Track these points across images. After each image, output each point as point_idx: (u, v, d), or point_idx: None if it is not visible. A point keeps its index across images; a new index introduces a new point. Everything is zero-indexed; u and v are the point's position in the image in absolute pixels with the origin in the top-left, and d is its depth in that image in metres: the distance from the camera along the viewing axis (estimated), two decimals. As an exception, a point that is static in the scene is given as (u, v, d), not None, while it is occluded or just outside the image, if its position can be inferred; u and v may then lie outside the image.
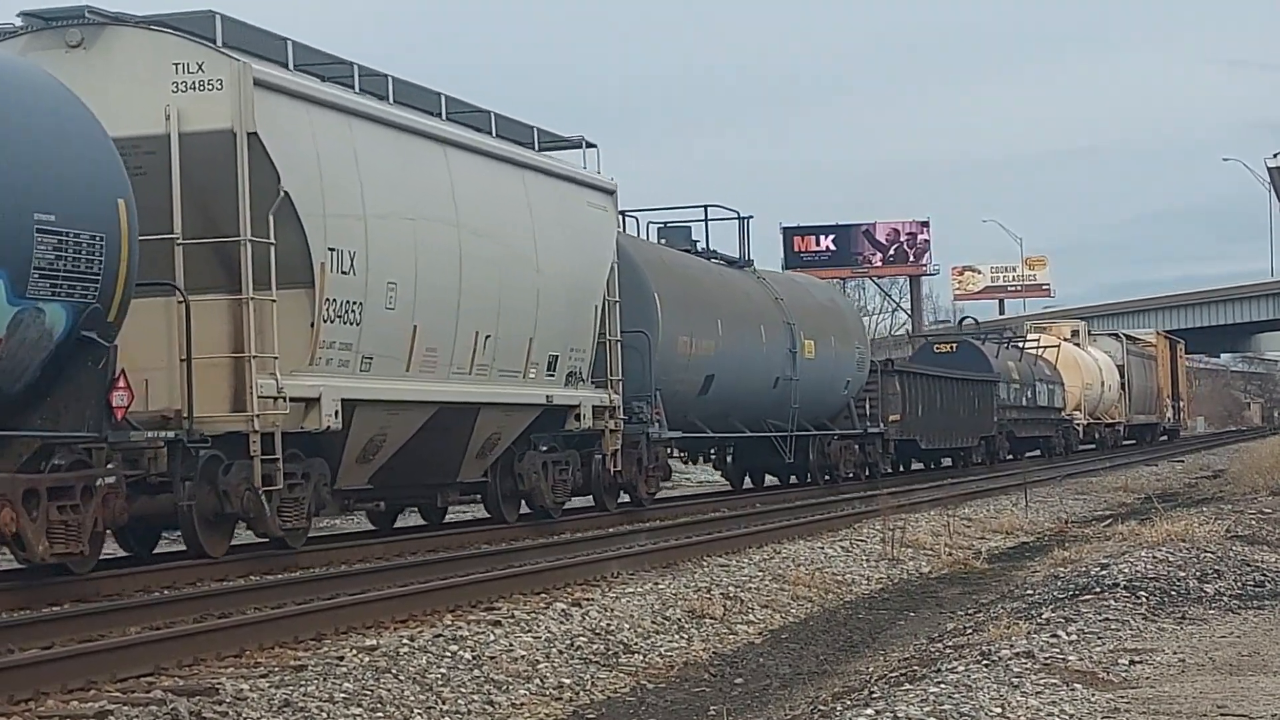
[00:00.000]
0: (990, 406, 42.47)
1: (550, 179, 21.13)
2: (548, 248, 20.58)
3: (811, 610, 15.48)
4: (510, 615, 12.71)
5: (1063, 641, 10.74)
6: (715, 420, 26.87)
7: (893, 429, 34.51)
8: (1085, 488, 34.35)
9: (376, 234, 16.93)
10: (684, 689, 11.48)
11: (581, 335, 21.56)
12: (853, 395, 32.78)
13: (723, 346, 26.48)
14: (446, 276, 18.27)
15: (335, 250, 16.26)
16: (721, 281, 27.81)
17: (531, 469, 20.86)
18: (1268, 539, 17.56)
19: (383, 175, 17.26)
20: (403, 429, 17.96)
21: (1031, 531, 24.05)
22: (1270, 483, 28.13)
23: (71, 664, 9.77)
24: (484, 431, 19.61)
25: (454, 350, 18.51)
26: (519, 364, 20.06)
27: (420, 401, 18.02)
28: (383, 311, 17.05)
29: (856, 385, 32.86)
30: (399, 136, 17.78)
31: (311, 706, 9.52)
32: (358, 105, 17.12)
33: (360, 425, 17.06)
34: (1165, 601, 12.67)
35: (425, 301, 17.77)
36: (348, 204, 16.57)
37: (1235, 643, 10.71)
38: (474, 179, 19.13)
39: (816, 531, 21.24)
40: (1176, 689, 8.97)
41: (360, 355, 16.76)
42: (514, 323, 19.75)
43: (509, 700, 10.60)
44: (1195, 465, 47.34)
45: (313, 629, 11.67)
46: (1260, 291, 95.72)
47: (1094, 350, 60.45)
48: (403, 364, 17.58)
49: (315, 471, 16.52)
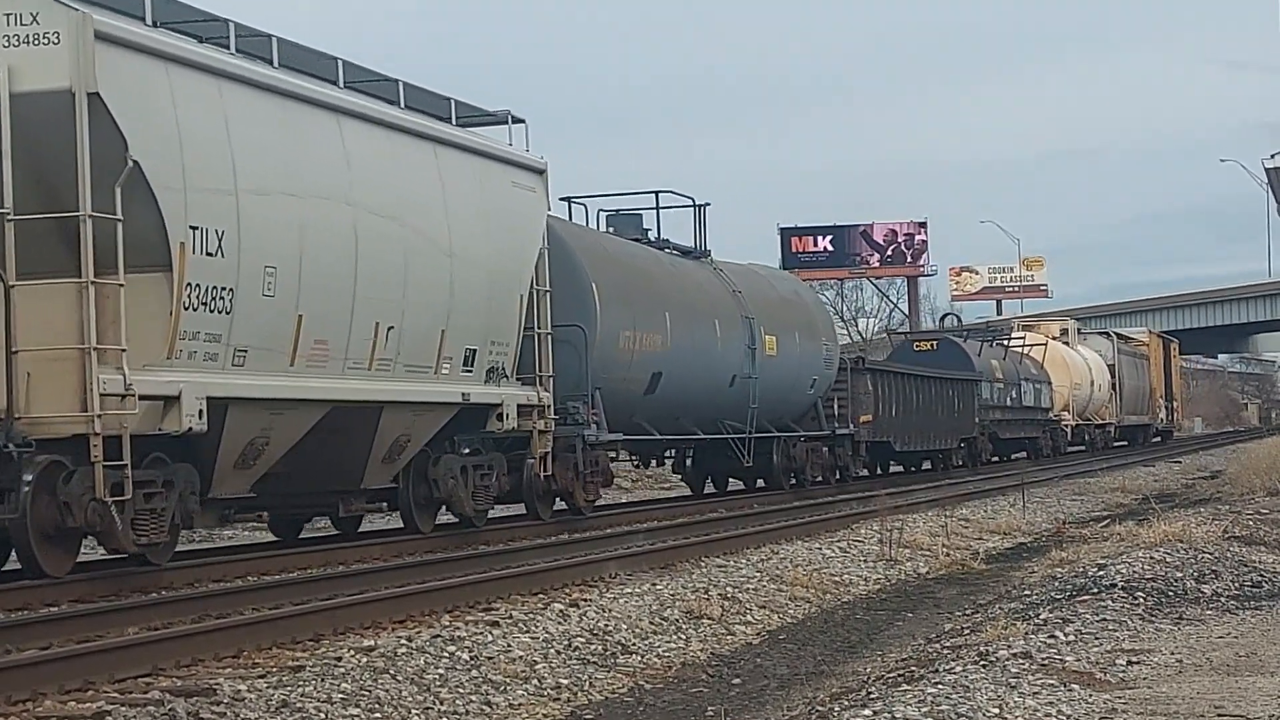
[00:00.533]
0: (971, 407, 40.68)
1: (468, 155, 19.22)
2: (464, 231, 18.69)
3: (809, 611, 15.54)
4: (508, 616, 12.72)
5: (1060, 642, 10.78)
6: (664, 421, 24.96)
7: (864, 430, 32.65)
8: (1082, 488, 34.39)
9: (252, 211, 15.04)
10: (681, 689, 11.50)
11: (504, 328, 19.66)
12: (820, 395, 30.89)
13: (672, 342, 24.57)
14: (339, 261, 16.38)
15: (199, 229, 14.38)
16: (672, 272, 25.90)
17: (448, 474, 18.99)
18: (1265, 540, 17.47)
19: (261, 146, 15.38)
20: (289, 431, 16.08)
21: (1029, 532, 24.10)
22: (1267, 483, 28.01)
23: (69, 664, 9.74)
24: (390, 433, 17.74)
25: (349, 343, 16.62)
26: (429, 359, 18.17)
27: (309, 400, 16.14)
28: (259, 299, 15.16)
29: (824, 384, 30.96)
30: (283, 104, 15.89)
31: (309, 707, 9.55)
32: (231, 67, 15.21)
33: (235, 427, 15.19)
34: (1163, 602, 12.71)
35: (312, 288, 15.88)
36: (216, 177, 14.68)
37: (1232, 643, 10.74)
38: (374, 153, 17.23)
39: (814, 532, 21.25)
40: (1174, 690, 9.01)
41: (232, 348, 14.88)
42: (422, 313, 17.86)
43: (507, 701, 10.62)
44: (1192, 466, 47.39)
45: (310, 630, 11.66)
46: (1257, 292, 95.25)
47: (1084, 349, 58.73)
48: (286, 358, 15.69)
49: (181, 479, 14.64)
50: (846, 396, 31.92)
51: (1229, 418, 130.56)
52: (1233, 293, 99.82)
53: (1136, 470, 43.38)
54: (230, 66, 15.19)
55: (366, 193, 16.85)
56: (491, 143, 20.00)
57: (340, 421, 16.76)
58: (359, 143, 16.94)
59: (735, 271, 28.70)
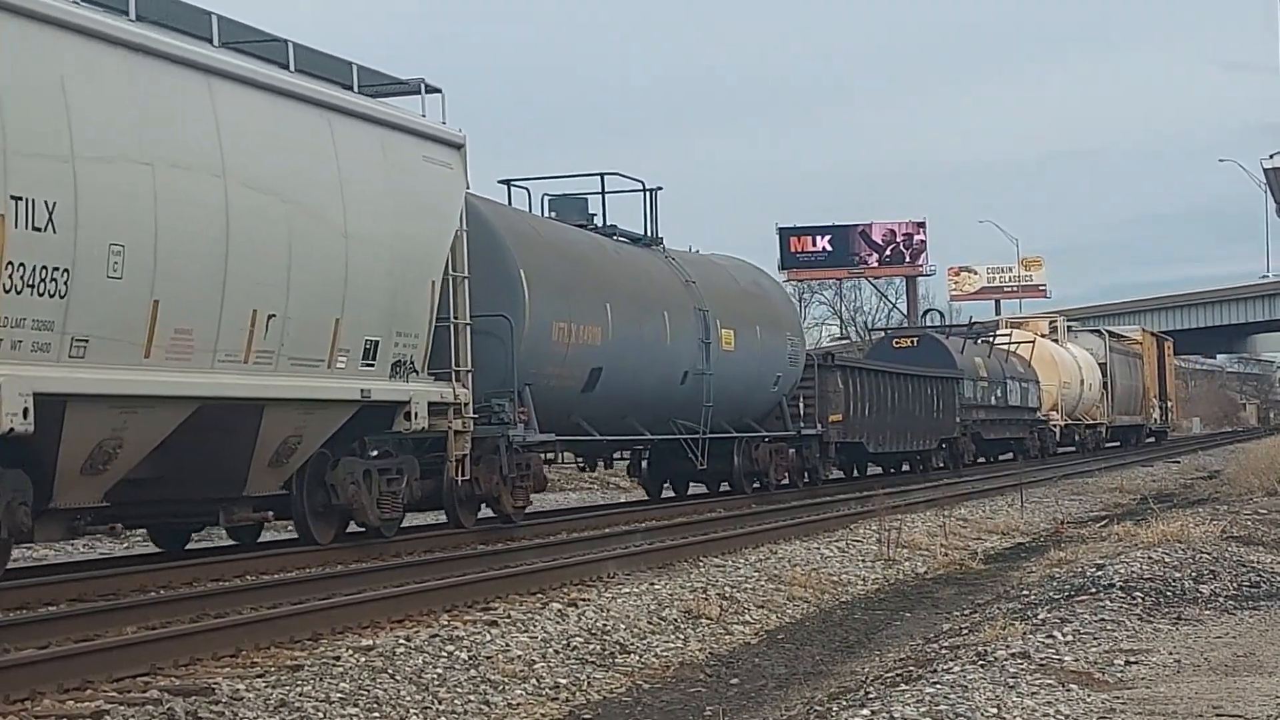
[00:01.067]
0: (953, 406, 38.88)
1: (370, 126, 17.34)
2: (361, 209, 16.80)
3: (807, 611, 15.53)
4: (507, 615, 12.73)
5: (1058, 642, 10.78)
6: (608, 421, 23.06)
7: (834, 430, 30.77)
8: (1081, 488, 34.60)
9: (92, 181, 13.14)
10: (680, 689, 11.49)
11: (413, 317, 17.76)
12: (785, 393, 29.02)
13: (614, 334, 22.66)
14: (205, 240, 14.48)
15: (23, 199, 12.47)
16: (616, 260, 23.96)
17: (348, 479, 17.14)
18: (1263, 540, 17.46)
19: (106, 107, 13.49)
20: (148, 432, 14.21)
21: (1027, 532, 24.05)
22: (1266, 483, 27.97)
23: (68, 664, 9.70)
24: (275, 434, 15.88)
25: (219, 332, 14.74)
26: (321, 351, 16.29)
27: (170, 397, 14.27)
28: (104, 281, 13.27)
29: (789, 382, 29.08)
30: (137, 60, 13.97)
31: (308, 706, 9.53)
32: (69, 16, 13.28)
33: (78, 427, 13.33)
34: (1161, 602, 12.73)
35: (171, 271, 13.97)
36: (45, 140, 12.78)
37: (1231, 643, 10.76)
38: (252, 119, 15.35)
39: (812, 532, 21.25)
40: (1172, 690, 9.03)
41: (69, 337, 12.99)
42: (311, 300, 15.98)
43: (505, 700, 10.57)
44: (1191, 466, 47.39)
45: (309, 629, 11.63)
46: (1256, 292, 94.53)
47: (1074, 347, 56.79)
48: (139, 349, 13.79)
49: (8, 488, 12.78)
50: (814, 395, 30.09)
51: (1227, 418, 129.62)
52: (1231, 293, 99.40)
53: (1135, 470, 43.35)
54: (68, 15, 13.26)
55: (241, 163, 14.97)
56: (401, 113, 18.12)
57: (214, 421, 14.91)
58: (233, 107, 15.06)
59: (690, 261, 26.81)
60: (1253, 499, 25.27)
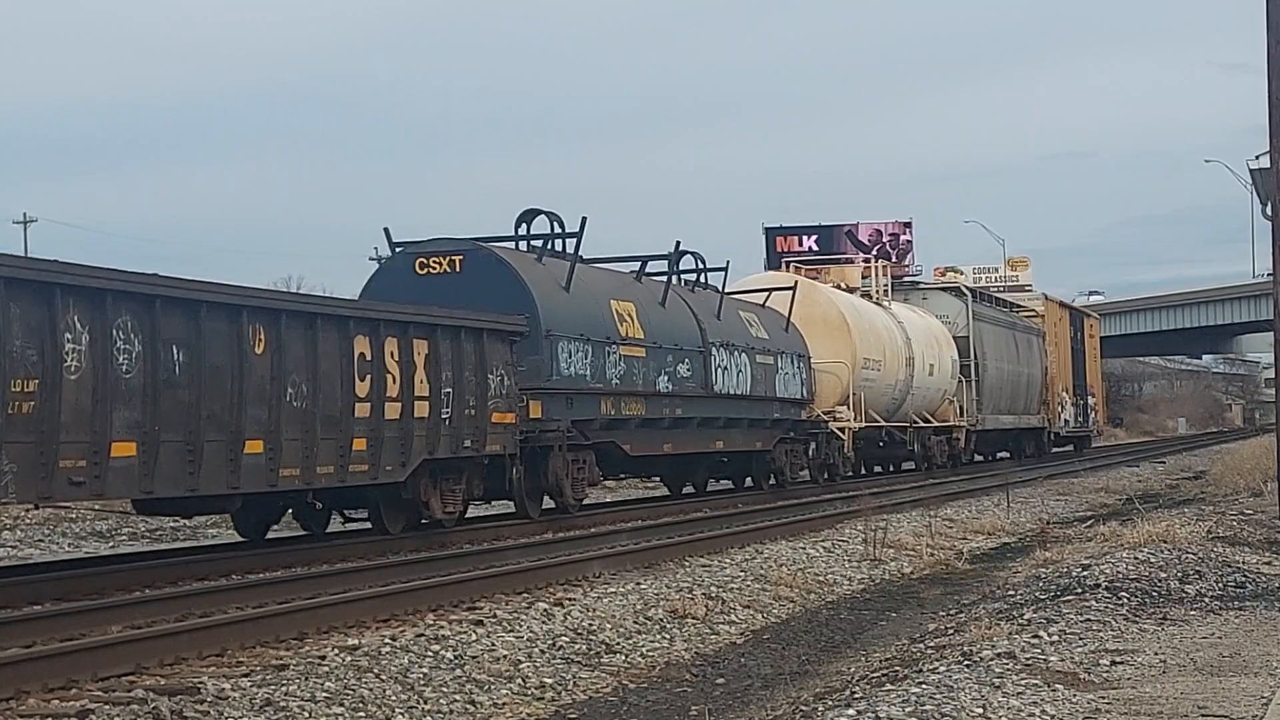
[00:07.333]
0: (503, 387, 19.91)
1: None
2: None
3: (793, 610, 15.50)
4: (492, 615, 12.75)
5: (1044, 642, 10.76)
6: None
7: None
8: (1067, 488, 34.61)
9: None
10: (666, 689, 11.48)
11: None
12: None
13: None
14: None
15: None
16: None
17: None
18: (1249, 540, 17.47)
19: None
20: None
21: (1013, 532, 24.08)
22: (1251, 484, 27.96)
23: (53, 663, 9.74)
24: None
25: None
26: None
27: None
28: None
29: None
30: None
31: (293, 706, 9.51)
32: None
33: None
34: (1147, 602, 12.70)
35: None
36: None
37: (1216, 644, 10.77)
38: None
39: (799, 532, 21.28)
40: (1157, 690, 9.01)
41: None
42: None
43: (491, 700, 10.55)
44: (1176, 467, 47.38)
45: (294, 628, 11.70)
46: (1241, 293, 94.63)
47: (903, 308, 39.53)
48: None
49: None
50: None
51: (1213, 418, 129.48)
52: (1217, 293, 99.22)
53: (1120, 470, 43.13)
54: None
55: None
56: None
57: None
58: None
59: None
60: (1238, 499, 25.35)
